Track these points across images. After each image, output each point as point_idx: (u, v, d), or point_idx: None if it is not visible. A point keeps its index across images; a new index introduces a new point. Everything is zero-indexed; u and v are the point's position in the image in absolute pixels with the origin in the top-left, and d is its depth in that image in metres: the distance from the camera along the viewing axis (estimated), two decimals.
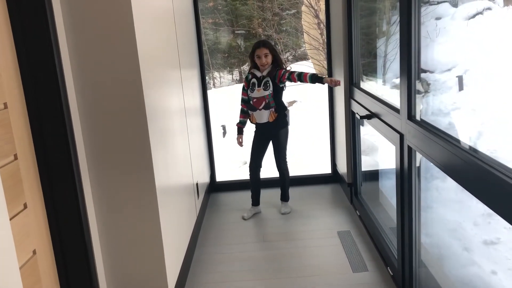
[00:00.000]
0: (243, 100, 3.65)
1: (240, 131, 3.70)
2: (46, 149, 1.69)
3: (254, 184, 3.68)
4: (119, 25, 1.82)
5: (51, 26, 1.64)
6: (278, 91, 3.44)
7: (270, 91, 3.41)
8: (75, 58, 1.81)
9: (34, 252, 1.58)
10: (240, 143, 3.69)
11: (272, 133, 3.54)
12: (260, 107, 3.44)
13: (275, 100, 3.44)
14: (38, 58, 1.63)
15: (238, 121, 3.69)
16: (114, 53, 1.85)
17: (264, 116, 3.46)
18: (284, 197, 3.72)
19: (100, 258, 1.99)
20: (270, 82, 3.41)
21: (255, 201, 3.69)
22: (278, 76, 3.36)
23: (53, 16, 1.66)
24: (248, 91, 3.52)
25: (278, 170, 3.65)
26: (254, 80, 3.47)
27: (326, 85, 4.05)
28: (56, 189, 1.73)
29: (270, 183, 3.95)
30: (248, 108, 3.58)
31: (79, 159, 1.81)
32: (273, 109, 3.45)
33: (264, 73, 3.43)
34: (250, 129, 3.66)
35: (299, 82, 3.37)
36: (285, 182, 3.69)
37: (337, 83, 3.11)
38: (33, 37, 1.61)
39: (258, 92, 3.43)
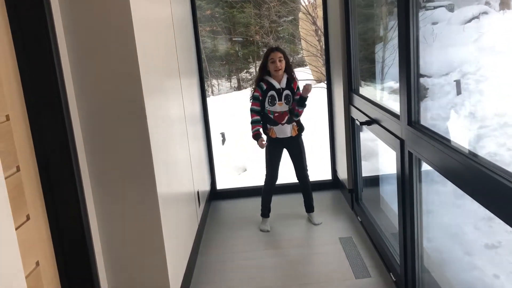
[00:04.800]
0: (254, 111, 3.35)
1: (258, 136, 3.30)
2: (47, 161, 1.69)
3: (269, 196, 3.54)
4: (119, 34, 1.82)
5: (51, 37, 1.65)
6: None
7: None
8: (76, 69, 1.82)
9: (38, 263, 1.58)
10: (263, 145, 3.32)
11: (292, 144, 3.41)
12: (283, 122, 3.31)
13: None
14: (39, 69, 1.64)
15: (254, 130, 3.31)
16: (115, 62, 1.85)
17: (287, 130, 3.34)
18: (312, 207, 3.58)
19: (102, 268, 1.99)
20: (291, 96, 3.29)
21: (268, 213, 3.55)
22: (296, 91, 3.31)
23: (53, 26, 1.67)
24: (266, 104, 3.31)
25: (301, 180, 3.51)
26: (272, 92, 3.28)
27: (325, 91, 4.06)
28: (58, 200, 1.73)
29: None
30: (266, 121, 3.35)
31: (81, 169, 1.81)
32: (295, 123, 3.36)
33: (283, 85, 3.29)
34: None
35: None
36: (310, 191, 3.55)
37: (308, 88, 3.18)
38: (34, 49, 1.62)
39: (280, 106, 3.28)
